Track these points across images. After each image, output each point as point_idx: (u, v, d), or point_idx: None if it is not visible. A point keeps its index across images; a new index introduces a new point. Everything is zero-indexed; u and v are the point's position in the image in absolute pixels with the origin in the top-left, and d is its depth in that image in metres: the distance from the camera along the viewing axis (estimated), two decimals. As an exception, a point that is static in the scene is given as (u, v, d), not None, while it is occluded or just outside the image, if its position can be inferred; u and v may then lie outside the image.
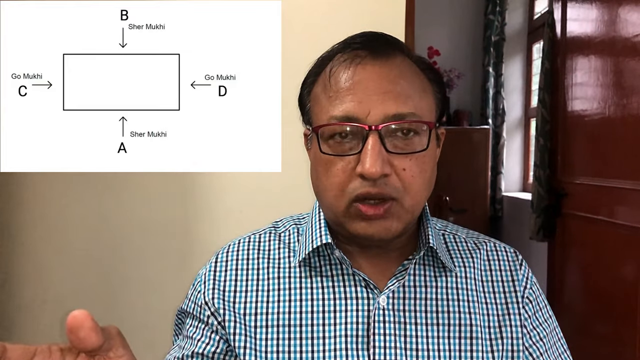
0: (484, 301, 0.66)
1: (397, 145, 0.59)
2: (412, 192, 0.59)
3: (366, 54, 0.60)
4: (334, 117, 0.59)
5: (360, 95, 0.58)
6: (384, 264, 0.66)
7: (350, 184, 0.59)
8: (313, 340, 0.62)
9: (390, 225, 0.59)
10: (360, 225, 0.59)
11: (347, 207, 0.59)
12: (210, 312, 0.65)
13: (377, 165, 0.56)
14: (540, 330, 0.67)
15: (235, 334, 0.64)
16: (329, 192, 0.60)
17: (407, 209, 0.60)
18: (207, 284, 0.67)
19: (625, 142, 1.75)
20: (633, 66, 1.72)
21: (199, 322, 0.66)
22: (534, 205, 2.37)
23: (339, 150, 0.59)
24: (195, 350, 0.65)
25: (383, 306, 0.63)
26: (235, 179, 1.43)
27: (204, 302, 0.66)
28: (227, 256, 0.69)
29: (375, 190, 0.57)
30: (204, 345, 0.64)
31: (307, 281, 0.65)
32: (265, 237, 0.71)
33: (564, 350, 0.70)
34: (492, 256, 0.70)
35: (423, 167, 0.60)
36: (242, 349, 0.63)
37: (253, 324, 0.64)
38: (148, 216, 1.42)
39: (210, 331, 0.65)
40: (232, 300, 0.65)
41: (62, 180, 1.40)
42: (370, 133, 0.57)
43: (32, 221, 1.39)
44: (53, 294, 1.40)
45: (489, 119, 3.49)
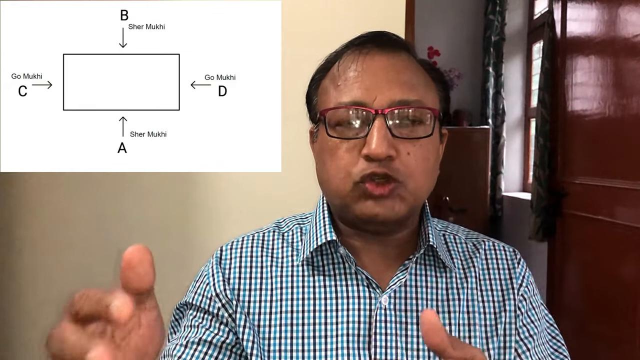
0: (482, 299, 0.67)
1: (402, 131, 0.60)
2: (415, 176, 0.60)
3: (373, 46, 0.63)
4: (341, 103, 0.61)
5: (368, 83, 0.61)
6: (387, 261, 0.66)
7: (356, 165, 0.60)
8: (315, 339, 0.62)
9: (393, 205, 0.60)
10: (365, 205, 0.60)
11: (353, 188, 0.60)
12: (221, 304, 0.64)
13: (383, 146, 0.57)
14: (530, 327, 0.67)
15: (245, 327, 0.63)
16: (334, 177, 0.61)
17: (411, 192, 0.61)
18: (216, 277, 0.67)
19: (625, 142, 1.75)
20: (633, 66, 1.72)
21: (206, 314, 0.65)
22: (534, 205, 2.37)
23: (345, 136, 0.61)
24: (203, 337, 0.63)
25: (385, 306, 0.63)
26: (235, 179, 1.43)
27: (215, 294, 0.65)
28: (231, 253, 0.69)
29: (381, 170, 0.59)
30: (212, 334, 0.63)
31: (309, 280, 0.65)
32: (269, 235, 0.71)
33: (554, 350, 0.69)
34: (490, 255, 0.70)
35: (427, 154, 0.61)
36: (249, 342, 0.63)
37: (256, 323, 0.64)
38: (148, 216, 1.42)
39: (219, 322, 0.64)
40: (237, 299, 0.65)
41: (62, 180, 1.40)
42: (377, 117, 0.59)
43: (32, 221, 1.39)
44: (53, 294, 1.40)
45: (489, 119, 3.49)
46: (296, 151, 1.27)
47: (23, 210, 1.39)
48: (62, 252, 1.40)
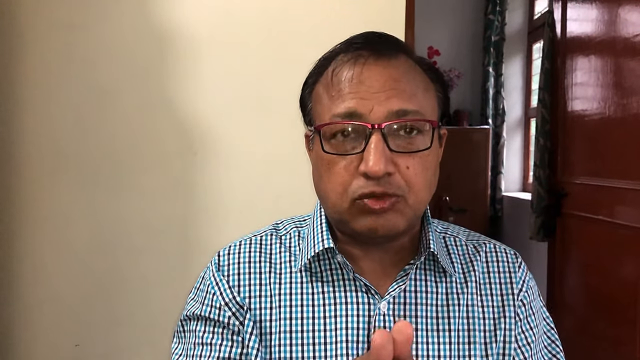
0: (482, 304, 0.66)
1: (400, 144, 0.58)
2: (415, 190, 0.59)
3: (369, 53, 0.60)
4: (336, 115, 0.58)
5: (363, 93, 0.58)
6: (386, 268, 0.65)
7: (354, 183, 0.58)
8: (314, 345, 0.62)
9: (393, 219, 0.58)
10: (365, 220, 0.58)
11: (351, 205, 0.58)
12: (231, 312, 0.63)
13: (380, 163, 0.55)
14: (528, 335, 0.66)
15: (252, 334, 0.63)
16: (331, 192, 0.60)
17: (411, 206, 0.59)
18: (221, 285, 0.65)
19: (625, 142, 1.75)
20: (633, 66, 1.71)
21: (217, 327, 0.63)
22: (534, 205, 2.37)
23: (342, 150, 0.59)
24: (220, 355, 0.61)
25: (384, 312, 0.62)
26: (235, 179, 1.43)
27: (224, 303, 0.64)
28: (229, 258, 0.67)
29: (379, 190, 0.57)
30: (228, 348, 0.62)
31: (307, 287, 0.64)
32: (267, 239, 0.69)
33: (552, 356, 0.69)
34: (491, 257, 0.69)
35: (426, 165, 0.59)
36: (254, 350, 0.62)
37: (257, 331, 0.63)
38: (148, 216, 1.42)
39: (231, 333, 0.63)
40: (246, 303, 0.64)
41: (63, 180, 1.40)
42: (374, 131, 0.56)
43: (32, 221, 1.39)
44: (53, 294, 1.40)
45: (489, 119, 3.49)
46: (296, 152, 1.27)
47: (23, 210, 1.39)
48: (62, 252, 1.40)
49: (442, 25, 3.56)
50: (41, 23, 1.38)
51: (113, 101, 1.40)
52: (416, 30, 1.45)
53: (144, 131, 1.41)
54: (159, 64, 1.41)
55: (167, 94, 1.42)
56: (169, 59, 1.42)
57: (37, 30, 1.38)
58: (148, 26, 1.41)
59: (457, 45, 3.60)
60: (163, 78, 1.42)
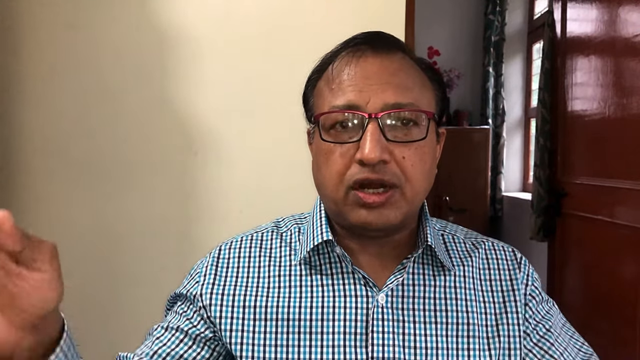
0: (482, 300, 0.67)
1: (396, 135, 0.60)
2: (412, 181, 0.60)
3: (367, 48, 0.63)
4: (335, 106, 0.61)
5: (361, 85, 0.60)
6: (384, 262, 0.66)
7: (349, 170, 0.59)
8: (311, 335, 0.63)
9: (389, 213, 0.60)
10: (359, 213, 0.60)
11: (346, 194, 0.60)
12: (202, 304, 0.66)
13: (376, 150, 0.57)
14: (545, 322, 0.68)
15: (232, 330, 0.64)
16: (328, 181, 0.61)
17: (408, 198, 0.60)
18: (207, 277, 0.68)
19: (625, 142, 1.75)
20: (633, 66, 1.71)
21: (192, 305, 0.68)
22: (534, 205, 2.37)
23: (339, 139, 0.61)
24: (181, 326, 0.66)
25: (382, 304, 0.63)
26: (235, 179, 1.44)
27: (199, 294, 0.67)
28: (229, 252, 0.70)
29: (374, 176, 0.58)
30: (190, 325, 0.66)
31: (307, 279, 0.66)
32: (268, 235, 0.71)
33: (573, 332, 0.73)
34: (490, 255, 0.71)
35: (423, 157, 0.61)
36: (238, 345, 0.63)
37: (252, 317, 0.64)
38: (148, 216, 1.42)
39: (200, 317, 0.66)
40: (232, 293, 0.66)
41: (63, 180, 1.40)
42: (370, 121, 0.58)
43: (32, 221, 1.39)
44: (53, 293, 1.40)
45: (489, 119, 3.49)
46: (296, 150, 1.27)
47: (23, 210, 1.39)
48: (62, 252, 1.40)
49: (442, 25, 3.56)
50: (42, 23, 1.39)
51: (113, 101, 1.41)
52: (416, 30, 1.45)
53: (144, 131, 1.42)
54: (159, 64, 1.42)
55: (168, 93, 1.42)
56: (169, 59, 1.42)
57: (38, 31, 1.39)
58: (149, 26, 1.41)
59: (457, 46, 3.60)
60: (163, 78, 1.42)
